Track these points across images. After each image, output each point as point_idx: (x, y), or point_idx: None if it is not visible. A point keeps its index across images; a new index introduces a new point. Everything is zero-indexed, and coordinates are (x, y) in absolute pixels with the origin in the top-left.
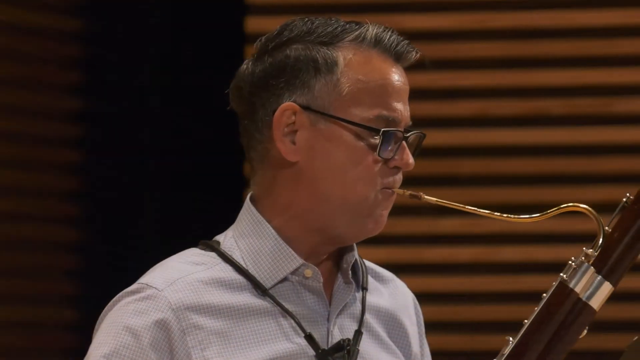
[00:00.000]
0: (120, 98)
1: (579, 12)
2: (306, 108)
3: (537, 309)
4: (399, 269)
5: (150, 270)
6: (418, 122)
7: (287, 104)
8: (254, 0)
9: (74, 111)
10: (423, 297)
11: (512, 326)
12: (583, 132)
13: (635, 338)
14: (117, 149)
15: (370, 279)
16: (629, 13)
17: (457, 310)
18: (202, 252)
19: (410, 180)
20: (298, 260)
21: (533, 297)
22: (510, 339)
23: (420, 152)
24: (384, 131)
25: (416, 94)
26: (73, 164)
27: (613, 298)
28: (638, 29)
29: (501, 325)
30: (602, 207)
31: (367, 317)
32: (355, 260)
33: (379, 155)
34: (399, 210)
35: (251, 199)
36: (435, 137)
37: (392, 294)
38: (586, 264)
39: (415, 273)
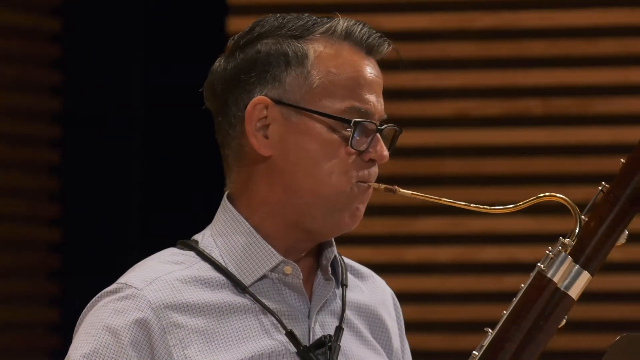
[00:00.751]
0: (102, 98)
1: (559, 12)
2: (278, 102)
3: (515, 300)
4: (380, 268)
5: (129, 270)
6: (400, 121)
7: (258, 98)
8: (235, 1)
9: (55, 111)
10: (404, 297)
11: (493, 326)
12: (563, 132)
13: (618, 338)
14: (99, 149)
15: (349, 276)
16: (608, 13)
17: (438, 310)
18: (181, 251)
19: (392, 180)
20: (277, 257)
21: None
22: (490, 330)
23: (402, 151)
24: (355, 122)
25: (398, 94)
26: (55, 163)
27: (595, 298)
28: (617, 29)
29: (483, 325)
30: (582, 207)
31: (348, 313)
32: (335, 256)
33: (351, 146)
34: (379, 210)
35: (228, 197)
36: (417, 137)
37: (371, 290)
38: (563, 253)
39: (396, 273)
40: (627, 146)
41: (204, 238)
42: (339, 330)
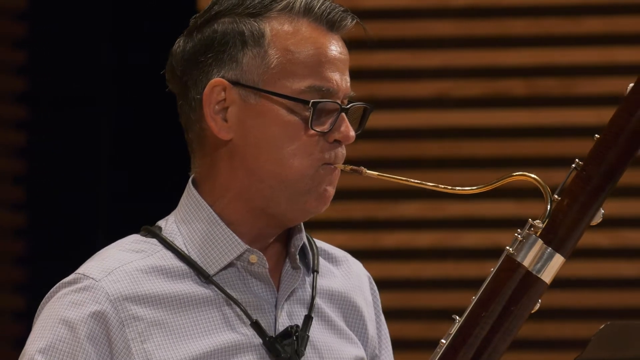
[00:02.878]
0: (69, 78)
1: None
2: (236, 83)
3: (483, 285)
4: (358, 254)
5: (89, 259)
6: (378, 102)
7: (215, 80)
8: None
9: (20, 92)
10: (382, 283)
11: (461, 314)
12: (546, 113)
13: (602, 326)
14: (66, 131)
15: (321, 261)
16: None
17: (417, 297)
18: (143, 238)
19: (370, 163)
20: (242, 246)
21: None
22: (457, 317)
23: (380, 133)
24: (313, 102)
25: (376, 74)
26: (20, 145)
27: (580, 285)
28: (602, 7)
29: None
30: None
31: (319, 301)
32: (304, 243)
33: (311, 128)
34: (356, 194)
35: (193, 182)
36: (396, 119)
37: (345, 275)
38: (533, 235)
39: (375, 258)
40: None
41: (168, 224)
42: (307, 319)
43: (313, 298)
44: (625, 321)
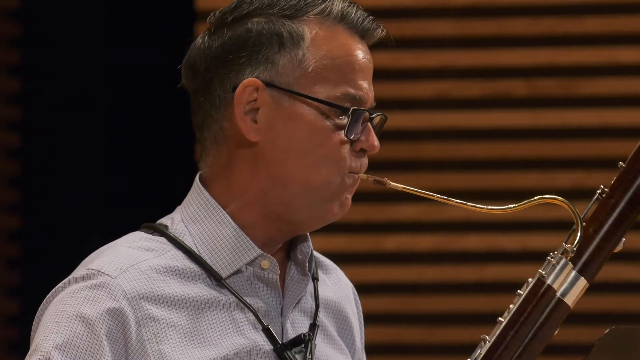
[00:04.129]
0: (63, 78)
1: None
2: (269, 85)
3: (513, 307)
4: (357, 258)
5: (97, 254)
6: (377, 103)
7: (249, 80)
8: None
9: (14, 92)
10: (381, 287)
11: (475, 318)
12: (547, 114)
13: (607, 331)
14: (61, 132)
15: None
16: None
17: (418, 301)
18: (151, 236)
19: (371, 165)
20: (256, 251)
21: (497, 287)
22: (487, 337)
23: (379, 135)
24: (353, 110)
25: (375, 74)
26: (15, 147)
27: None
28: (603, 6)
29: (463, 317)
30: (568, 193)
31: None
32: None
33: (346, 136)
34: (356, 196)
35: (201, 181)
36: (395, 120)
37: (335, 285)
38: (564, 259)
39: (374, 262)
40: (614, 129)
41: (174, 223)
42: (314, 327)
43: (317, 306)
44: (629, 326)
